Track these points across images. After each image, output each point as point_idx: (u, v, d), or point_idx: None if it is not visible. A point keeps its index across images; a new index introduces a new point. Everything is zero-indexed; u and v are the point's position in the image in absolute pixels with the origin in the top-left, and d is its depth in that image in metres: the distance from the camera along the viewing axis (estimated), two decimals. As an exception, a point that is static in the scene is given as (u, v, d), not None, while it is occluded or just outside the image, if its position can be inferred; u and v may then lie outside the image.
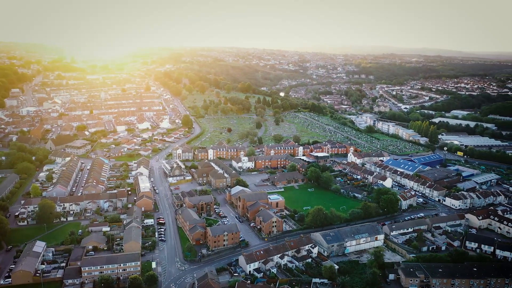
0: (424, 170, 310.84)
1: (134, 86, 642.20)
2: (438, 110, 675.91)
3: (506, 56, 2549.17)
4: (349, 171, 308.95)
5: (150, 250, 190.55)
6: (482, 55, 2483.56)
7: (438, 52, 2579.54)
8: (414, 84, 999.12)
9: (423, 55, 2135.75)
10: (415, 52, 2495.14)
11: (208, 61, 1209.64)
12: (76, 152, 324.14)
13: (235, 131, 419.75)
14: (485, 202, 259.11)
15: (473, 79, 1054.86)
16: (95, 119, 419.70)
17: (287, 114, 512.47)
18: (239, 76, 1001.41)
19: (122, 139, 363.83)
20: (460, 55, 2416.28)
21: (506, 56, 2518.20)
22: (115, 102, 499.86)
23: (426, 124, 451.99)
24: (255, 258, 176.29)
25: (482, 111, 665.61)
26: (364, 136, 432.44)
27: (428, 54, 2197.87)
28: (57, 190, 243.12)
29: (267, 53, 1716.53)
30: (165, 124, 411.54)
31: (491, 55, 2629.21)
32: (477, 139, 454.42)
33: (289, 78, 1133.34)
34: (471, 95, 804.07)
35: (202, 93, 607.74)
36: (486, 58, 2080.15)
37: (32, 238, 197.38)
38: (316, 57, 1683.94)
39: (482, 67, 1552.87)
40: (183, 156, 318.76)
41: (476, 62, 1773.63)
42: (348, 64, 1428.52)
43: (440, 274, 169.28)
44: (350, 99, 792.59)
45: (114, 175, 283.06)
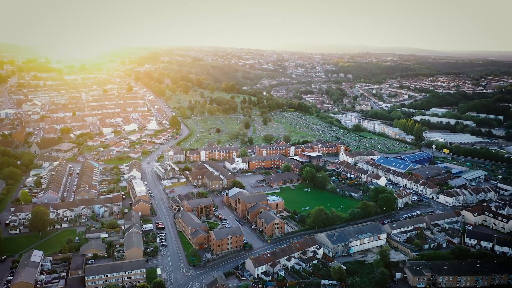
0: (415, 168, 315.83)
1: (116, 86, 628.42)
2: (418, 108, 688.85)
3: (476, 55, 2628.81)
4: (342, 170, 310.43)
5: (153, 256, 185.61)
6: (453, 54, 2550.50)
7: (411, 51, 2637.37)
8: (392, 83, 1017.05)
9: (397, 54, 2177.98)
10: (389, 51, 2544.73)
11: (187, 60, 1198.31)
12: (63, 155, 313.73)
13: (224, 131, 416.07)
14: (477, 199, 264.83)
15: (448, 77, 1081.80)
16: (79, 121, 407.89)
17: (273, 113, 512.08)
18: (220, 75, 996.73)
19: (109, 141, 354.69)
20: (432, 54, 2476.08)
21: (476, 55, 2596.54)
22: (97, 104, 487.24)
23: (411, 123, 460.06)
24: (262, 261, 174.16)
25: (460, 108, 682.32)
26: (352, 135, 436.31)
27: (402, 53, 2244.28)
28: (48, 196, 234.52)
29: (245, 53, 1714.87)
30: (153, 126, 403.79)
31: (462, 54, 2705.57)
32: (459, 136, 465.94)
33: (269, 77, 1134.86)
34: (448, 93, 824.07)
35: (185, 93, 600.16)
36: (458, 57, 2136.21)
37: (27, 247, 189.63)
38: (294, 56, 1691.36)
39: (454, 65, 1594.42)
40: (175, 158, 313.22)
41: (448, 60, 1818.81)
42: (326, 63, 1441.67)
43: (446, 271, 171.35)
44: (332, 98, 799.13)
45: (106, 179, 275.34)
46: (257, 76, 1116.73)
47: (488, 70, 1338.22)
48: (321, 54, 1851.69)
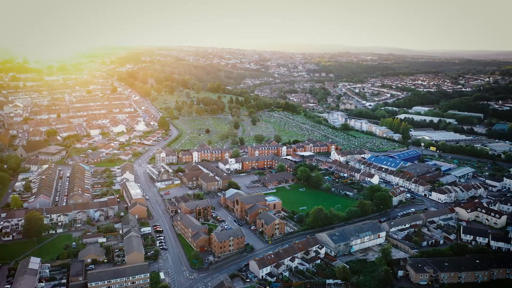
0: (405, 166, 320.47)
1: (99, 87, 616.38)
2: (400, 107, 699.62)
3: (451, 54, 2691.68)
4: (335, 169, 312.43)
5: (154, 260, 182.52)
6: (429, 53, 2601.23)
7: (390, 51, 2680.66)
8: (374, 82, 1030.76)
9: (376, 53, 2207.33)
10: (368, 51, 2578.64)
11: (169, 60, 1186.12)
12: (51, 158, 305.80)
13: (213, 132, 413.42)
14: (468, 195, 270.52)
15: (427, 76, 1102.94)
16: (65, 123, 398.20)
17: (261, 113, 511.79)
18: (203, 75, 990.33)
19: (98, 143, 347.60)
20: (410, 53, 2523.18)
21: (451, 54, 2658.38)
22: (82, 105, 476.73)
23: (397, 121, 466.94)
24: (266, 263, 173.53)
25: (441, 107, 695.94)
26: (340, 134, 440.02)
27: (381, 53, 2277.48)
28: (40, 201, 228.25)
29: (227, 52, 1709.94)
30: (141, 127, 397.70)
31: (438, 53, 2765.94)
32: (443, 134, 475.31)
33: (251, 77, 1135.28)
34: (429, 91, 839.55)
35: (171, 94, 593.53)
36: (435, 56, 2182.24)
37: (22, 254, 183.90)
38: (275, 56, 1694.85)
39: (432, 64, 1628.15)
40: (167, 159, 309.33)
41: (426, 60, 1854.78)
42: (308, 63, 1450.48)
43: (447, 268, 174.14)
44: (316, 97, 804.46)
45: (98, 182, 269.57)
46: (240, 76, 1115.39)
47: (465, 69, 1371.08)
48: (302, 54, 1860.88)
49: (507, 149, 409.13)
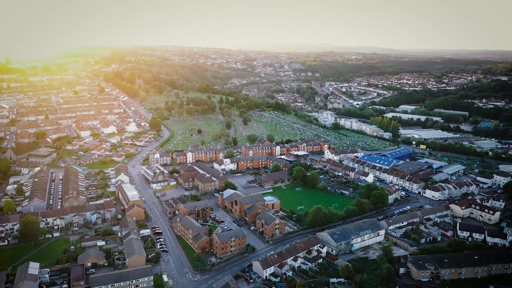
0: (398, 164, 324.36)
1: (86, 88, 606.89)
2: (387, 106, 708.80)
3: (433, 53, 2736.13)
4: (329, 168, 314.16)
5: (155, 262, 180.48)
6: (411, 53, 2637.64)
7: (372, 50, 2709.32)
8: (360, 81, 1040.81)
9: (360, 52, 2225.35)
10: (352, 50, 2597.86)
11: (155, 60, 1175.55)
12: (42, 161, 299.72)
13: (205, 132, 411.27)
14: (460, 192, 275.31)
15: (412, 75, 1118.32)
16: (54, 125, 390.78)
17: (252, 113, 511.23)
18: (189, 75, 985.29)
19: (89, 145, 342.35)
20: (392, 53, 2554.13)
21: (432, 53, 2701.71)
22: (70, 106, 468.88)
23: (387, 120, 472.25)
24: (270, 263, 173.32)
25: (427, 105, 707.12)
26: (332, 133, 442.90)
27: (365, 52, 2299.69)
28: (34, 204, 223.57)
29: (212, 52, 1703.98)
30: (132, 128, 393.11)
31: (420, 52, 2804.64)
32: (432, 132, 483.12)
33: (238, 76, 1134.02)
34: (415, 90, 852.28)
35: (160, 94, 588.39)
36: (417, 56, 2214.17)
37: (19, 259, 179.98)
38: (261, 55, 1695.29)
39: (415, 63, 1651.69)
40: (161, 160, 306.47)
41: (409, 59, 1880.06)
42: (293, 62, 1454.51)
43: (447, 264, 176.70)
44: (304, 97, 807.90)
45: (92, 184, 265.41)
46: (226, 76, 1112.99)
47: (447, 68, 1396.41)
48: (287, 53, 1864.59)
49: (493, 146, 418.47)
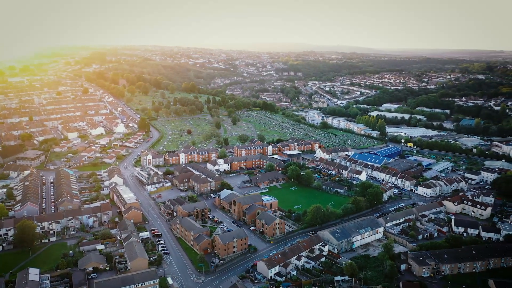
0: (389, 162, 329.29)
1: (69, 88, 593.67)
2: (371, 104, 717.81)
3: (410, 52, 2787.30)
4: (322, 167, 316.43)
5: (157, 265, 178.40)
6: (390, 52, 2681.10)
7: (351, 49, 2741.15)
8: (343, 80, 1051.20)
9: (340, 52, 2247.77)
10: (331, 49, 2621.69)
11: (137, 60, 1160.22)
12: (30, 164, 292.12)
13: (195, 132, 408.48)
14: (451, 189, 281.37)
15: (393, 74, 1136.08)
16: (40, 127, 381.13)
17: (240, 113, 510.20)
18: (172, 75, 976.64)
19: (78, 147, 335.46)
20: (371, 52, 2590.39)
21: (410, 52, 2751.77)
22: (54, 107, 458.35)
23: (374, 118, 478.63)
24: (274, 263, 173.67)
25: (410, 104, 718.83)
26: (321, 132, 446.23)
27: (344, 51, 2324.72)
28: (28, 209, 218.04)
29: (194, 52, 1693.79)
30: (121, 129, 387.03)
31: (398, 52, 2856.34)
32: (417, 130, 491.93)
33: (221, 76, 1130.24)
34: (396, 89, 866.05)
35: (145, 94, 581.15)
36: (396, 55, 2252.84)
37: (17, 266, 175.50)
38: (242, 55, 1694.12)
39: (394, 62, 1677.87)
40: (154, 161, 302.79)
41: (388, 58, 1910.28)
42: (275, 62, 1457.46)
43: (447, 260, 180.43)
44: (288, 96, 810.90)
45: (84, 187, 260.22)
46: (209, 76, 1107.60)
47: (426, 67, 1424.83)
48: (268, 53, 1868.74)
49: (477, 143, 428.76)
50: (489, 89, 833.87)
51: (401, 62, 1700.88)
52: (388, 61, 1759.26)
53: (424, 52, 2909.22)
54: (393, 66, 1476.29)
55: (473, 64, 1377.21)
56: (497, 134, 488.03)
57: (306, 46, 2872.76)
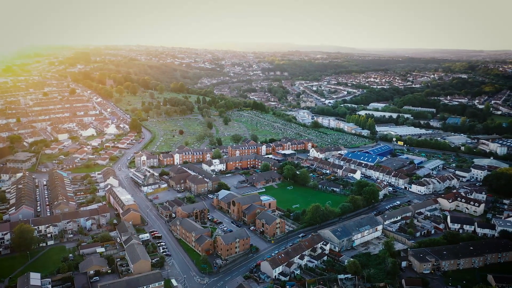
0: (382, 160, 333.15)
1: (55, 89, 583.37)
2: (358, 104, 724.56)
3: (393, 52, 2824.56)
4: (316, 166, 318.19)
5: (160, 267, 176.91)
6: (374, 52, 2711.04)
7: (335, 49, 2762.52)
8: (329, 80, 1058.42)
9: (325, 52, 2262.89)
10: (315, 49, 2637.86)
11: (122, 60, 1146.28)
12: (21, 166, 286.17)
13: (186, 133, 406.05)
14: (444, 186, 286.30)
15: (378, 74, 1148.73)
16: (28, 128, 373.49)
17: (231, 113, 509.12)
18: (158, 75, 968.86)
19: (69, 148, 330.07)
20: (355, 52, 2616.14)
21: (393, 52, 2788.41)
22: (42, 108, 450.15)
23: (364, 118, 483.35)
24: (278, 262, 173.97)
25: (396, 103, 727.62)
26: (312, 132, 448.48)
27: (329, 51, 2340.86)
28: (23, 212, 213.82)
29: (178, 51, 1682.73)
30: (112, 130, 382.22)
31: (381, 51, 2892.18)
32: (405, 129, 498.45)
33: (208, 76, 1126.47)
34: (383, 88, 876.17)
35: (134, 95, 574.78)
36: (380, 54, 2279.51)
37: (16, 270, 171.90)
38: (228, 55, 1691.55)
39: (378, 62, 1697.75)
40: (148, 162, 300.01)
41: (372, 58, 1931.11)
42: (261, 62, 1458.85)
43: (446, 256, 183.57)
44: (276, 96, 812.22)
45: (79, 189, 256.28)
46: (196, 75, 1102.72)
47: (409, 66, 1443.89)
48: (254, 52, 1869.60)
49: (464, 141, 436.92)
50: (472, 88, 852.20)
51: (385, 62, 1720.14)
52: (372, 60, 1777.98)
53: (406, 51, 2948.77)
54: (377, 65, 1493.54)
55: (455, 63, 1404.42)
56: (482, 132, 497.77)
57: (290, 46, 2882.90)
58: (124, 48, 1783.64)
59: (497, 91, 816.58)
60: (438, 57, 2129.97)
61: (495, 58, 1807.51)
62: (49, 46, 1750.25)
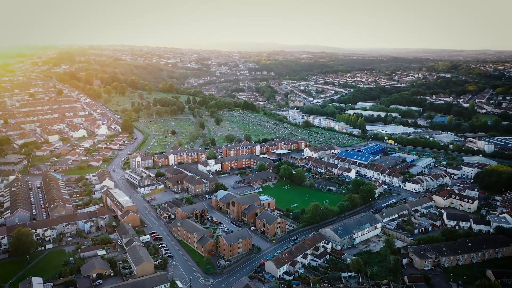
0: (375, 159, 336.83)
1: (41, 90, 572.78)
2: (346, 103, 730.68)
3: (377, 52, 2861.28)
4: (311, 166, 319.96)
5: (163, 268, 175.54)
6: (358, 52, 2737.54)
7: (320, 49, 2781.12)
8: (316, 79, 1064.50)
9: (310, 51, 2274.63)
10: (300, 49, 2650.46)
11: (107, 60, 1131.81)
12: (13, 168, 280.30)
13: (178, 133, 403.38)
14: (437, 184, 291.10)
15: (364, 73, 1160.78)
16: (17, 130, 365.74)
17: (222, 113, 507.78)
18: (145, 75, 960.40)
19: (60, 150, 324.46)
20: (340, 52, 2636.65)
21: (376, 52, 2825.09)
22: (29, 109, 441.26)
23: (354, 117, 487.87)
24: (282, 262, 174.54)
25: (383, 102, 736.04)
26: (304, 131, 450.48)
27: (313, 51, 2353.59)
28: (19, 215, 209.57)
29: (163, 51, 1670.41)
30: (103, 131, 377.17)
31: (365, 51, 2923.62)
32: (394, 128, 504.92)
33: (194, 76, 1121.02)
34: (370, 88, 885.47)
35: (122, 95, 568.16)
36: (365, 54, 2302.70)
37: (15, 275, 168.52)
38: (214, 55, 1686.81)
39: (363, 62, 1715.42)
40: (143, 163, 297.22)
41: (357, 57, 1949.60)
42: (247, 61, 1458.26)
43: (446, 252, 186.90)
44: (264, 96, 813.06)
45: (74, 191, 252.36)
46: (182, 75, 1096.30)
47: (394, 66, 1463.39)
48: (239, 52, 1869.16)
49: (452, 139, 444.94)
50: (456, 87, 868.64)
51: (370, 61, 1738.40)
52: (357, 60, 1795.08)
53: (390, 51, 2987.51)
54: (362, 65, 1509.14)
55: (438, 63, 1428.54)
56: (469, 130, 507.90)
57: (275, 46, 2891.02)
58: (109, 48, 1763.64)
59: (480, 90, 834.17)
60: (421, 56, 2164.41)
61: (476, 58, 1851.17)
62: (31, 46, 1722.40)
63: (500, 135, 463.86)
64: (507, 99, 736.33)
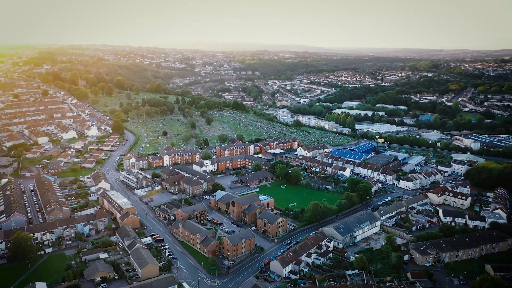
0: (368, 157, 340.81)
1: (26, 90, 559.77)
2: (333, 102, 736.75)
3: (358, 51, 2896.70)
4: (306, 165, 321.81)
5: (167, 270, 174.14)
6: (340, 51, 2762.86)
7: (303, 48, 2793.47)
8: (302, 79, 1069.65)
9: (293, 51, 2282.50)
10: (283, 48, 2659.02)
11: (90, 60, 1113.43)
12: (4, 171, 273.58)
13: (170, 133, 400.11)
14: (429, 181, 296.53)
15: (348, 72, 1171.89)
16: (5, 132, 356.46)
17: (212, 113, 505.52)
18: (129, 75, 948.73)
19: (51, 152, 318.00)
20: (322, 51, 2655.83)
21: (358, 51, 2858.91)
22: (15, 111, 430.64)
23: (343, 116, 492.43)
24: (288, 261, 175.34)
25: (369, 101, 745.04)
26: (295, 131, 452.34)
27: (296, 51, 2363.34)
28: (15, 219, 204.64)
29: (146, 51, 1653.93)
30: (94, 132, 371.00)
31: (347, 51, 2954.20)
32: (382, 126, 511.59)
33: (179, 76, 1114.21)
34: (355, 87, 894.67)
35: (109, 96, 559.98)
36: (347, 54, 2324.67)
37: (17, 280, 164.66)
38: (197, 54, 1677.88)
39: (346, 61, 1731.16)
40: (137, 164, 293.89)
41: (340, 57, 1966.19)
42: (232, 61, 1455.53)
43: (446, 248, 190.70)
44: (251, 95, 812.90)
45: (69, 193, 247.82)
46: (167, 75, 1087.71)
47: (376, 65, 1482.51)
48: (223, 52, 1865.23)
49: (438, 137, 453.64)
50: (439, 86, 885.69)
51: (353, 61, 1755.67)
52: (340, 59, 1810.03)
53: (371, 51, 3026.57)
54: (345, 64, 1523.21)
55: (419, 62, 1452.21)
56: (454, 128, 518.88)
57: (259, 46, 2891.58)
58: (90, 48, 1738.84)
59: (462, 89, 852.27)
60: (402, 56, 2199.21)
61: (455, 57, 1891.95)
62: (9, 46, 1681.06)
63: (484, 132, 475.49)
64: (488, 97, 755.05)
